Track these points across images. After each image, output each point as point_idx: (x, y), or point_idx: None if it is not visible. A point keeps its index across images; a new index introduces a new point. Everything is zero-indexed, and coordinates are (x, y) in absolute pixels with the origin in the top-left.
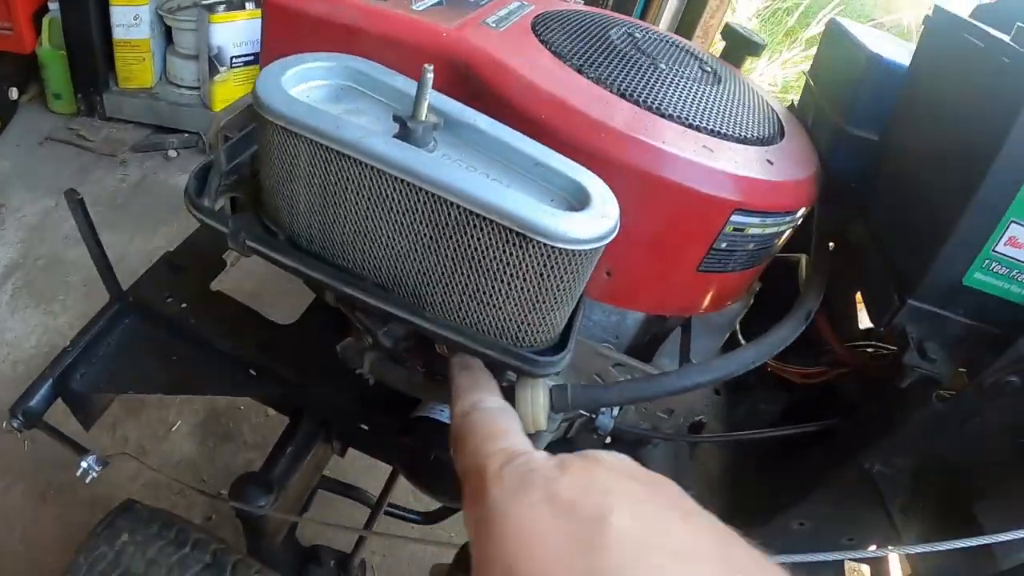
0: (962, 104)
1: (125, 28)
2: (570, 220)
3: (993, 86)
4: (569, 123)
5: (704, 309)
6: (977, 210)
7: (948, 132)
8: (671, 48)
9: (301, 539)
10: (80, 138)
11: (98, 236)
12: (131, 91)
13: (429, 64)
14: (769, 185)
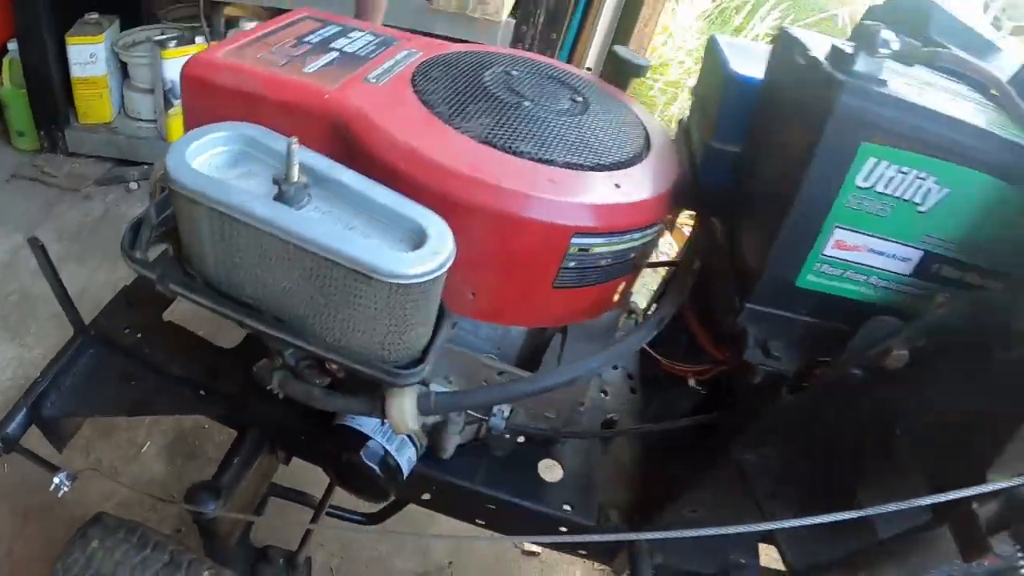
0: (788, 118)
1: (82, 66)
2: (402, 260)
3: (808, 101)
4: (422, 171)
5: (573, 319)
6: (798, 218)
7: (777, 145)
8: (545, 82)
9: (254, 541)
10: (44, 174)
11: (59, 277)
12: (91, 126)
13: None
14: (609, 208)
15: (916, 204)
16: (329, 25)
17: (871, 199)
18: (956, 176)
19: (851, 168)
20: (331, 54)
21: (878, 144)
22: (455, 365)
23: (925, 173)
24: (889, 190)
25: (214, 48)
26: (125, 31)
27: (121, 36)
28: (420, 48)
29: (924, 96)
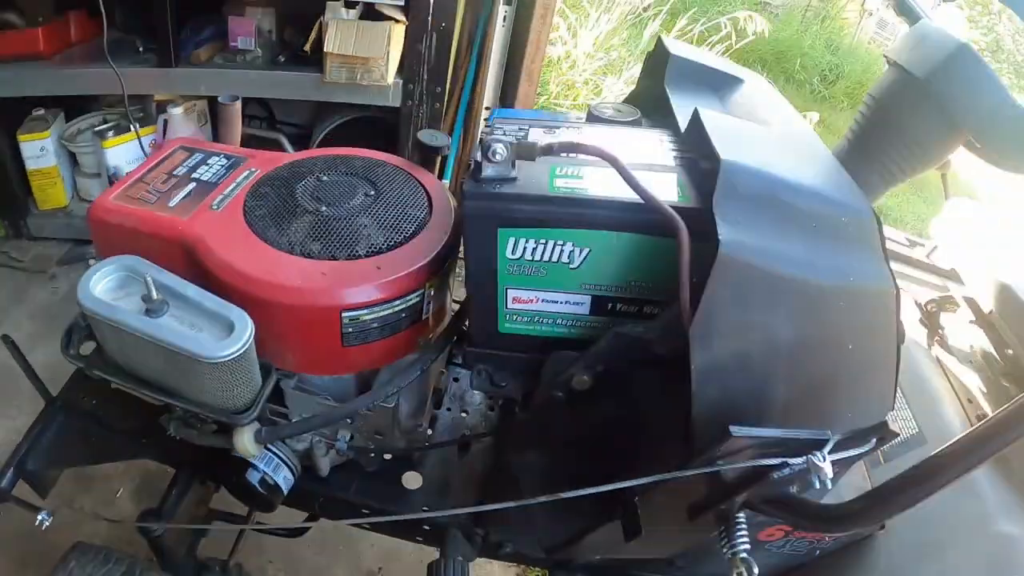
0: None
1: (35, 159)
2: (216, 347)
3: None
4: (237, 280)
5: (372, 366)
6: (477, 285)
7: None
8: (349, 182)
9: (201, 555)
10: (12, 259)
11: (29, 363)
12: (50, 212)
13: (150, 275)
14: (370, 288)
15: (566, 263)
16: (195, 154)
17: (525, 265)
18: (589, 238)
19: (499, 246)
20: (190, 185)
21: (511, 228)
22: (301, 404)
23: (561, 241)
24: (536, 257)
25: (108, 193)
26: (70, 121)
27: (66, 127)
28: (259, 166)
29: (554, 180)
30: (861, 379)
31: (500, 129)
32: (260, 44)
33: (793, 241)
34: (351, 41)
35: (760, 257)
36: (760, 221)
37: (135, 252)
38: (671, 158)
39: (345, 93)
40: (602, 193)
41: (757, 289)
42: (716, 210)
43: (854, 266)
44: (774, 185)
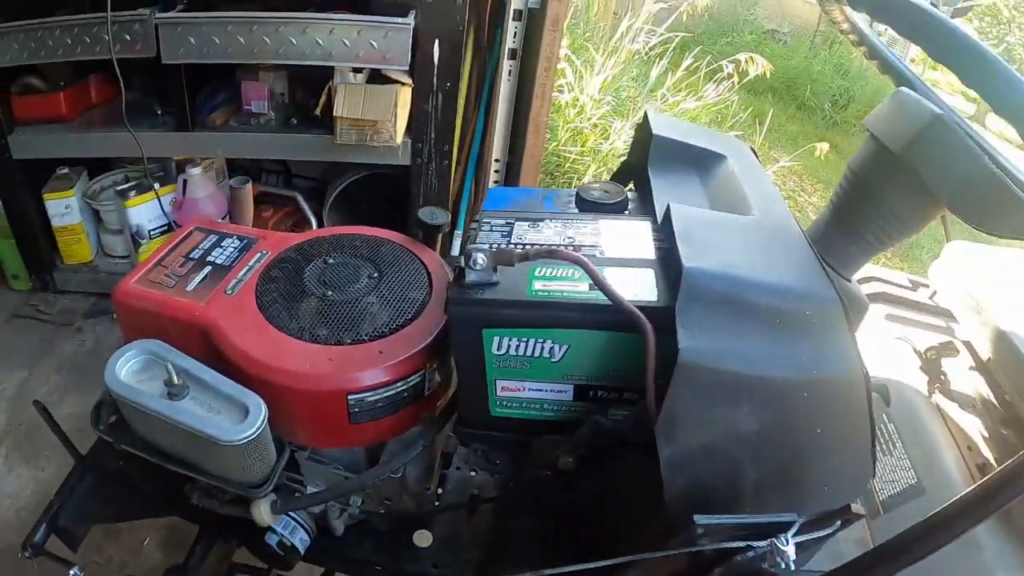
0: None
1: (60, 216)
2: (233, 430)
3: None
4: (250, 365)
5: (378, 440)
6: (467, 377)
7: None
8: (354, 264)
9: None
10: (39, 312)
11: (59, 426)
12: (75, 266)
13: (171, 365)
14: (373, 372)
15: (548, 357)
16: (210, 236)
17: (511, 359)
18: (567, 336)
19: (485, 344)
20: (206, 269)
21: (495, 328)
22: (314, 472)
23: (542, 340)
24: (521, 352)
25: (130, 277)
26: (93, 179)
27: (90, 185)
28: (270, 248)
29: (532, 283)
30: (834, 458)
31: (487, 224)
32: (273, 107)
33: (755, 340)
34: (359, 105)
35: (720, 359)
36: (722, 324)
37: (157, 334)
38: (652, 250)
39: (356, 153)
40: (577, 295)
41: (718, 388)
42: (678, 316)
43: (818, 357)
44: (737, 286)
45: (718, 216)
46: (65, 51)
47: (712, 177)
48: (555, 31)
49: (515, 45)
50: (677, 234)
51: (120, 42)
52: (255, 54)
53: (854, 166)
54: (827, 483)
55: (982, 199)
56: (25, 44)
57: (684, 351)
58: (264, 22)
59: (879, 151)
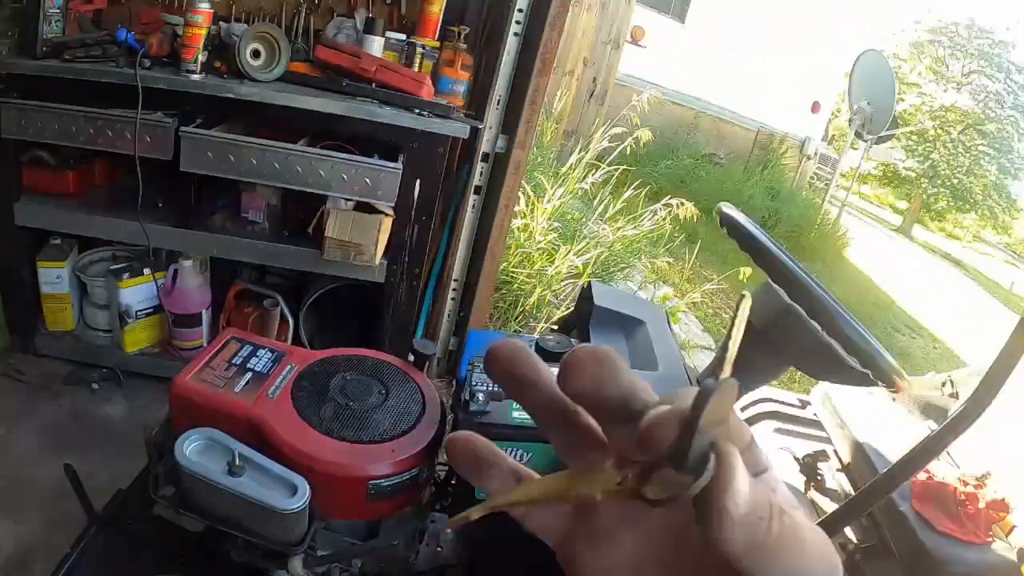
0: None
1: (50, 284)
2: (287, 503)
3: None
4: (296, 455)
5: (385, 516)
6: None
7: None
8: (366, 381)
9: None
10: (17, 372)
11: (84, 489)
12: (57, 333)
13: (237, 452)
14: (386, 465)
15: (520, 460)
16: (245, 346)
17: None
18: (531, 448)
19: None
20: (247, 375)
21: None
22: (327, 539)
23: (515, 449)
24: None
25: (185, 374)
26: (83, 253)
27: (80, 258)
28: (297, 362)
29: (512, 412)
30: None
31: (479, 367)
32: (267, 217)
33: None
34: (347, 229)
35: None
36: None
37: (208, 422)
38: None
39: (338, 268)
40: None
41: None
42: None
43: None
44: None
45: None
46: (86, 139)
47: (633, 339)
48: (516, 174)
49: (480, 183)
50: None
51: (141, 141)
52: (265, 175)
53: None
54: None
55: (816, 361)
56: (49, 123)
57: None
58: (274, 150)
59: (749, 326)
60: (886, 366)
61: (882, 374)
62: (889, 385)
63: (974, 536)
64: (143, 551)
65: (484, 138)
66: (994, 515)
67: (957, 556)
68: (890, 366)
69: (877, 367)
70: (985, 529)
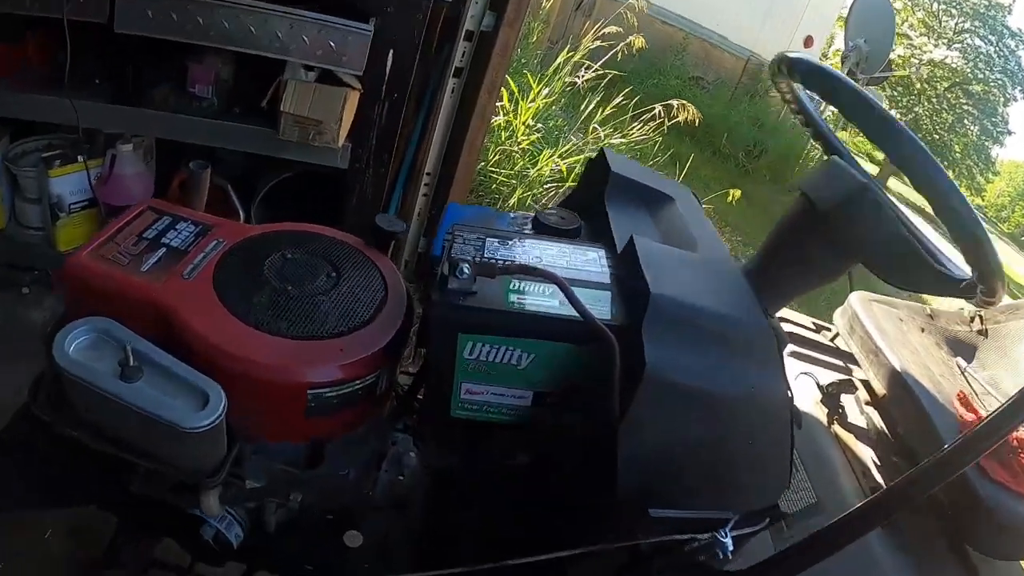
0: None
1: None
2: (193, 417)
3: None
4: (210, 353)
5: (330, 436)
6: (434, 378)
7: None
8: (311, 261)
9: None
10: None
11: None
12: None
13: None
14: (332, 368)
15: (514, 364)
16: (163, 217)
17: (479, 364)
18: (535, 347)
19: (458, 348)
20: (160, 250)
21: (470, 334)
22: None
23: (512, 347)
24: (490, 359)
25: (81, 250)
26: (15, 142)
27: (11, 148)
28: (225, 236)
29: (508, 296)
30: (760, 466)
31: (460, 237)
32: (217, 92)
33: (707, 358)
34: (307, 103)
35: (679, 374)
36: (680, 343)
37: (106, 311)
38: (607, 275)
39: (296, 151)
40: (547, 309)
41: (675, 399)
42: (645, 334)
43: (754, 378)
44: (693, 312)
45: (673, 251)
46: (12, 3)
47: (662, 215)
48: (503, 56)
49: (462, 64)
50: (643, 263)
51: (72, 2)
52: (211, 37)
53: (784, 220)
54: (754, 486)
55: (894, 258)
56: None
57: (650, 364)
58: (226, 6)
59: (808, 209)
60: (994, 264)
61: (988, 275)
62: (990, 292)
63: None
64: (48, 477)
65: (469, 13)
66: None
67: (1011, 509)
68: (998, 265)
69: (984, 264)
70: None
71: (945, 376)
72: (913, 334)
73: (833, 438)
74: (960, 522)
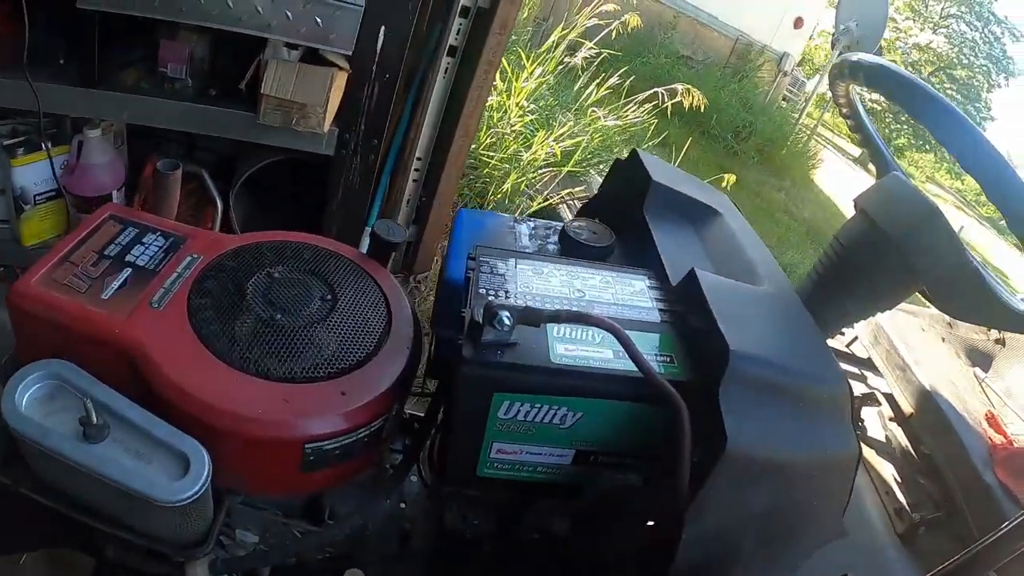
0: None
1: None
2: (172, 488)
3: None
4: (184, 402)
5: (328, 487)
6: (460, 439)
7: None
8: (302, 281)
9: None
10: None
11: None
12: None
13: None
14: (334, 417)
15: (557, 424)
16: (128, 228)
17: (516, 424)
18: (583, 405)
19: (491, 408)
20: (125, 272)
21: (508, 392)
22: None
23: (556, 406)
24: (529, 418)
25: (29, 275)
26: None
27: None
28: (201, 251)
29: (554, 346)
30: (818, 523)
31: (486, 265)
32: (191, 73)
33: (783, 421)
34: (290, 85)
35: (758, 447)
36: (759, 408)
37: (63, 350)
38: (656, 312)
39: (277, 136)
40: (602, 364)
41: (753, 475)
42: (722, 401)
43: (828, 438)
44: (772, 369)
45: (740, 289)
46: None
47: (709, 233)
48: (502, 34)
49: (456, 43)
50: (714, 310)
51: None
52: (183, 12)
53: (843, 240)
54: (807, 543)
55: (959, 290)
56: None
57: (731, 441)
58: None
59: (871, 230)
60: None
61: None
62: None
63: None
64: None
65: None
66: None
67: None
68: None
69: None
70: None
71: (968, 391)
72: (935, 344)
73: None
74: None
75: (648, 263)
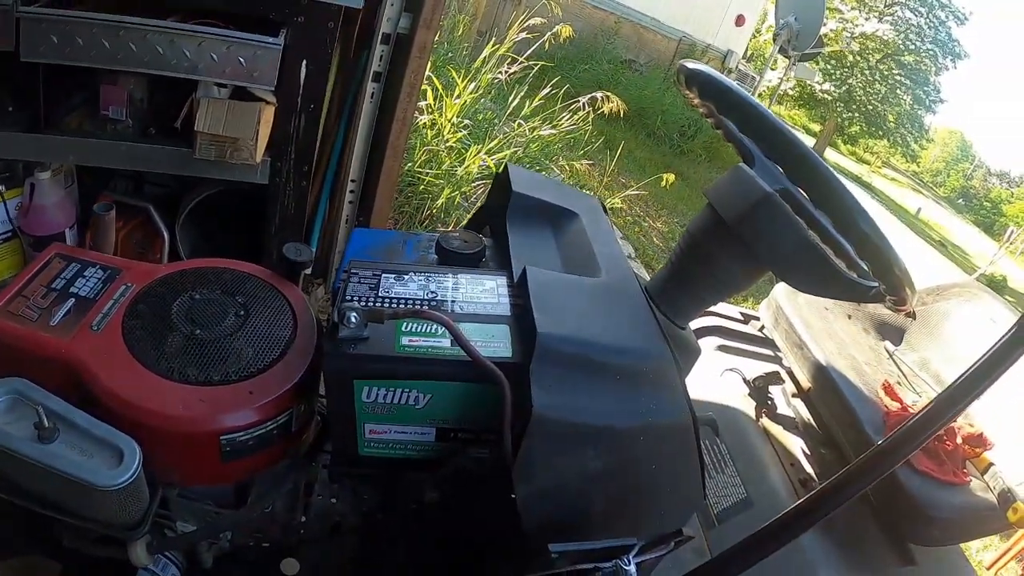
0: None
1: None
2: (109, 476)
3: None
4: (121, 407)
5: (251, 475)
6: (337, 422)
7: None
8: (219, 300)
9: None
10: None
11: None
12: None
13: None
14: (245, 413)
15: (413, 404)
16: (71, 264)
17: (378, 406)
18: (431, 387)
19: (355, 393)
20: (69, 301)
21: (365, 379)
22: (184, 509)
23: (407, 389)
24: (387, 400)
25: None
26: None
27: None
28: (134, 280)
29: (400, 339)
30: (668, 488)
31: (356, 275)
32: (131, 114)
33: (599, 394)
34: (221, 121)
35: (569, 413)
36: (570, 381)
37: (19, 370)
38: (507, 306)
39: (214, 169)
40: (440, 350)
41: (567, 437)
42: (532, 376)
43: (652, 406)
44: (585, 347)
45: (569, 280)
46: None
47: (565, 234)
48: (421, 58)
49: (380, 69)
50: (532, 300)
51: None
52: (119, 60)
53: (692, 230)
54: (663, 510)
55: (804, 267)
56: None
57: (537, 408)
58: (132, 28)
59: (715, 220)
60: (902, 276)
61: (895, 287)
62: (900, 301)
63: (953, 476)
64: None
65: (384, 16)
66: (969, 451)
67: (939, 499)
68: (906, 276)
69: (892, 277)
70: (960, 466)
71: (871, 363)
72: (839, 322)
73: (762, 431)
74: (890, 515)
75: (511, 267)
